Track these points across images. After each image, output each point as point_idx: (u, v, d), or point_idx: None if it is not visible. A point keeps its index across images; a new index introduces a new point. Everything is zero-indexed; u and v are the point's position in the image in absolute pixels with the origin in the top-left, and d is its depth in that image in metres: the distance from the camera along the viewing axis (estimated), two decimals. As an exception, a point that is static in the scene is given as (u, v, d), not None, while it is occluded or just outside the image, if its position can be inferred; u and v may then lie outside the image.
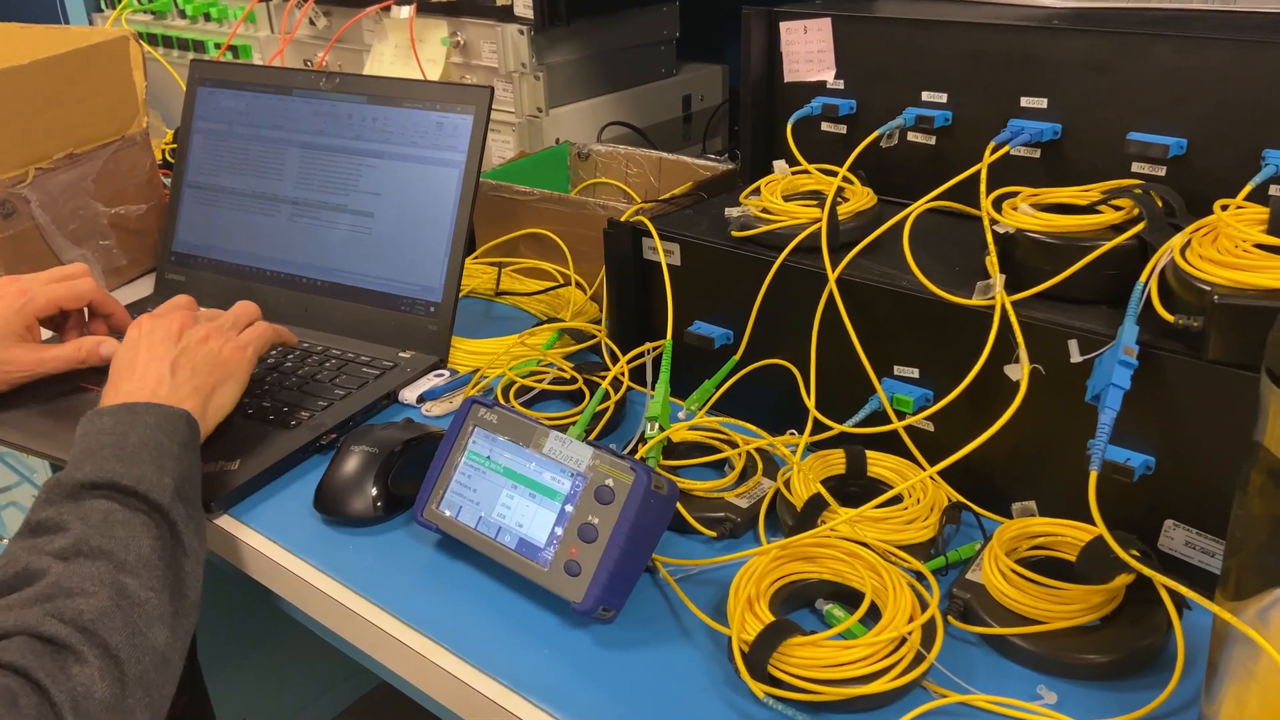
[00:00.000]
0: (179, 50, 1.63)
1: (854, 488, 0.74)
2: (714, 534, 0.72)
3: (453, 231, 0.95)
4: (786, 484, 0.73)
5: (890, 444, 0.75)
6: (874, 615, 0.61)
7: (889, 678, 0.57)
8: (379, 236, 0.99)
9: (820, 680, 0.57)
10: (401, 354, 0.95)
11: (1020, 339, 0.66)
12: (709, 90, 1.44)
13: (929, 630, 0.60)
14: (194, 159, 1.09)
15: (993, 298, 0.68)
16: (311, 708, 1.55)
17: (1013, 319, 0.66)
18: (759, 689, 0.57)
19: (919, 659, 0.58)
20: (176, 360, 0.77)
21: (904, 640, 0.58)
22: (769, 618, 0.60)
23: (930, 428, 0.75)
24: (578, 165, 1.22)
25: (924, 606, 0.61)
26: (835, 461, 0.74)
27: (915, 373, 0.74)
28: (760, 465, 0.77)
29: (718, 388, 0.83)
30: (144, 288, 1.14)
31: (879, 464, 0.74)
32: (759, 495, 0.74)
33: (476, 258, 1.13)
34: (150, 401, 0.72)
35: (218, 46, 1.55)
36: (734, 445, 0.78)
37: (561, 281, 1.07)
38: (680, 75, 1.41)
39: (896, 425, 0.73)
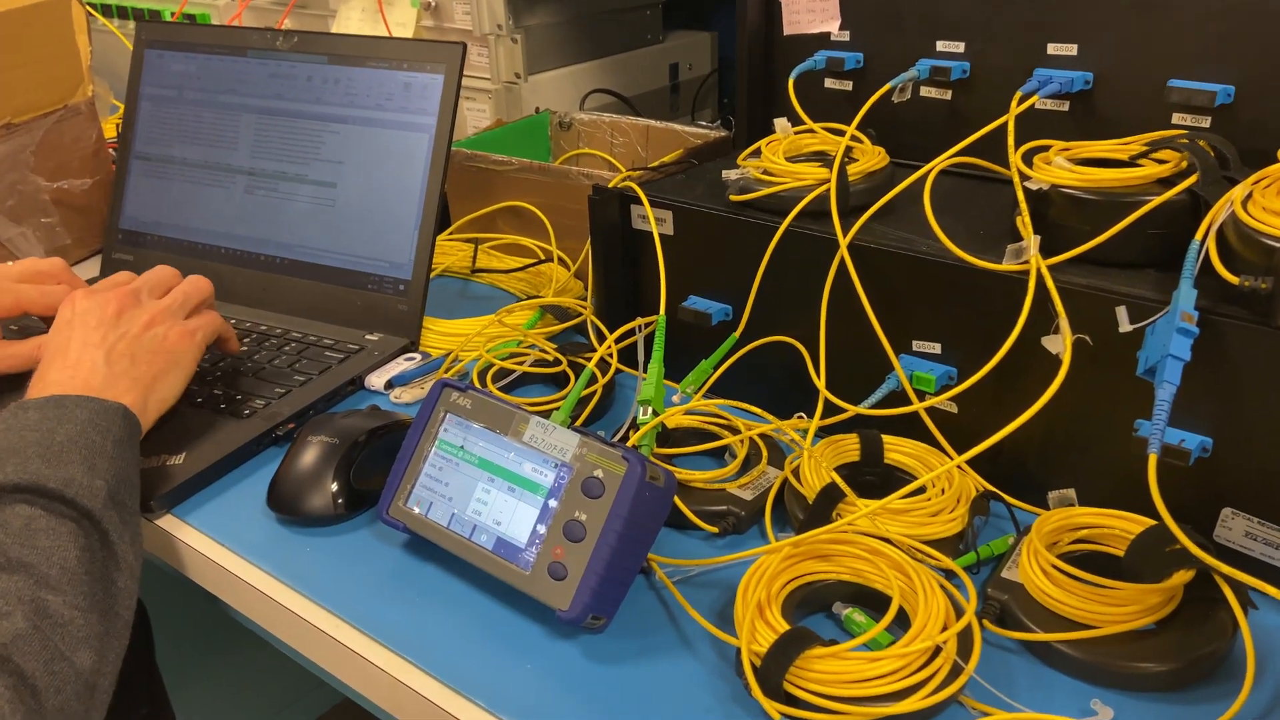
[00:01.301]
0: (135, 21, 1.53)
1: (870, 476, 0.66)
2: (716, 530, 0.64)
3: (423, 202, 0.87)
4: (795, 473, 0.65)
5: (908, 428, 0.67)
6: (900, 621, 0.54)
7: (923, 694, 0.49)
8: (343, 208, 0.91)
9: (844, 698, 0.49)
10: (368, 336, 0.87)
11: (1060, 308, 0.58)
12: (697, 59, 1.37)
13: (965, 638, 0.52)
14: (142, 128, 1.00)
15: (1026, 262, 0.61)
16: (283, 715, 1.46)
17: (1050, 285, 0.59)
18: (774, 709, 0.50)
19: (956, 671, 0.51)
20: (114, 347, 0.69)
21: (938, 650, 0.51)
22: (783, 625, 0.52)
23: (953, 409, 0.67)
24: (559, 135, 1.14)
25: (958, 610, 0.53)
26: (849, 448, 0.67)
27: (937, 348, 0.67)
28: (765, 453, 0.69)
29: (716, 368, 0.75)
30: (92, 269, 1.05)
31: (897, 450, 0.67)
32: (764, 486, 0.67)
33: (451, 234, 1.05)
34: (82, 394, 0.64)
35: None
36: (735, 431, 0.71)
37: (543, 258, 0.99)
38: (667, 42, 1.33)
39: (917, 406, 0.65)
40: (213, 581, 0.66)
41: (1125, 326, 0.57)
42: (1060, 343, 0.58)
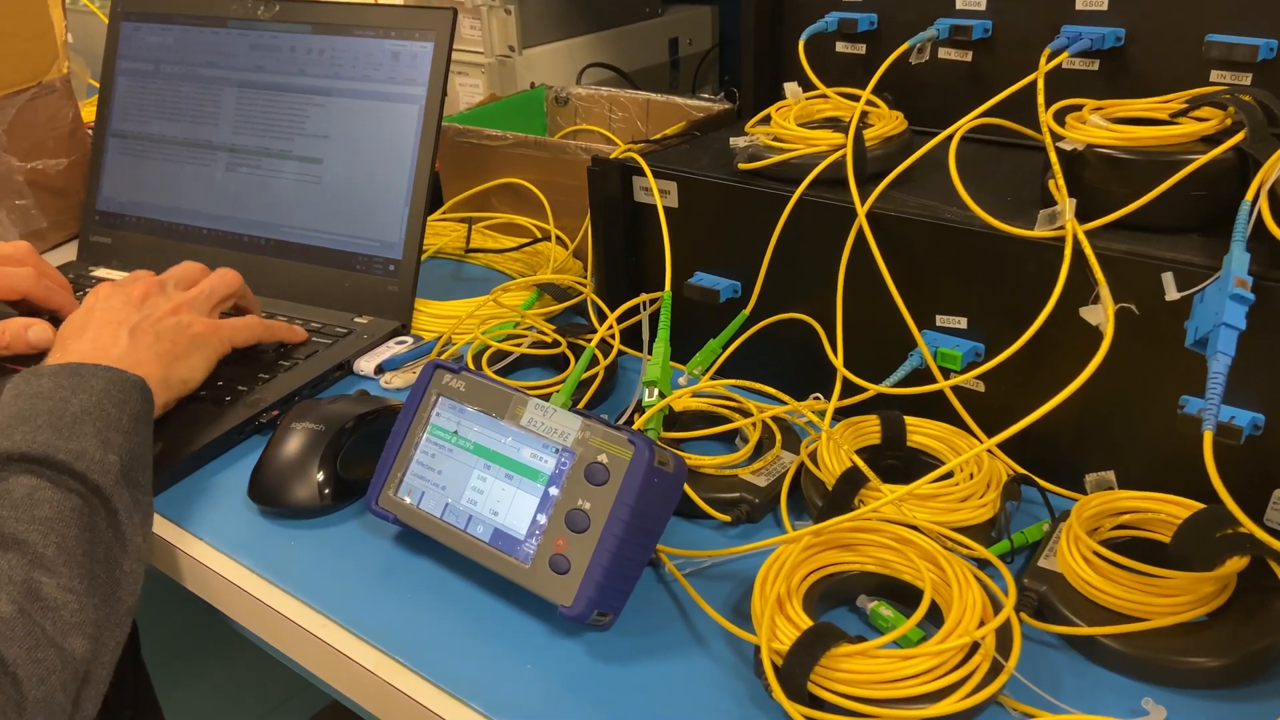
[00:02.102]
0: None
1: (892, 460, 0.62)
2: (728, 519, 0.60)
3: (413, 177, 0.83)
4: (813, 457, 0.61)
5: (930, 408, 0.63)
6: (932, 615, 0.50)
7: (961, 694, 0.45)
8: (329, 185, 0.86)
9: (874, 700, 0.45)
10: (357, 319, 0.83)
11: (1099, 276, 0.54)
12: (698, 33, 1.32)
13: (1004, 633, 0.48)
14: (118, 104, 0.96)
15: (1061, 228, 0.56)
16: (276, 714, 1.42)
17: (1088, 251, 0.55)
18: (797, 712, 0.45)
19: (995, 669, 0.46)
20: (137, 325, 0.67)
21: (976, 647, 0.47)
22: (805, 621, 0.48)
23: (980, 388, 0.63)
24: (555, 111, 1.09)
25: (994, 604, 0.49)
26: (869, 430, 0.63)
27: (962, 322, 0.62)
28: (779, 437, 0.65)
29: (724, 348, 0.71)
30: (69, 254, 1.01)
31: (920, 432, 0.63)
32: (779, 472, 0.62)
33: (443, 214, 1.01)
34: (100, 364, 0.61)
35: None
36: (747, 414, 0.67)
37: (539, 237, 0.94)
38: (666, 16, 1.28)
39: (942, 385, 0.61)
40: (190, 577, 0.62)
41: (1172, 294, 0.52)
42: (1101, 313, 0.53)
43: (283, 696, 1.41)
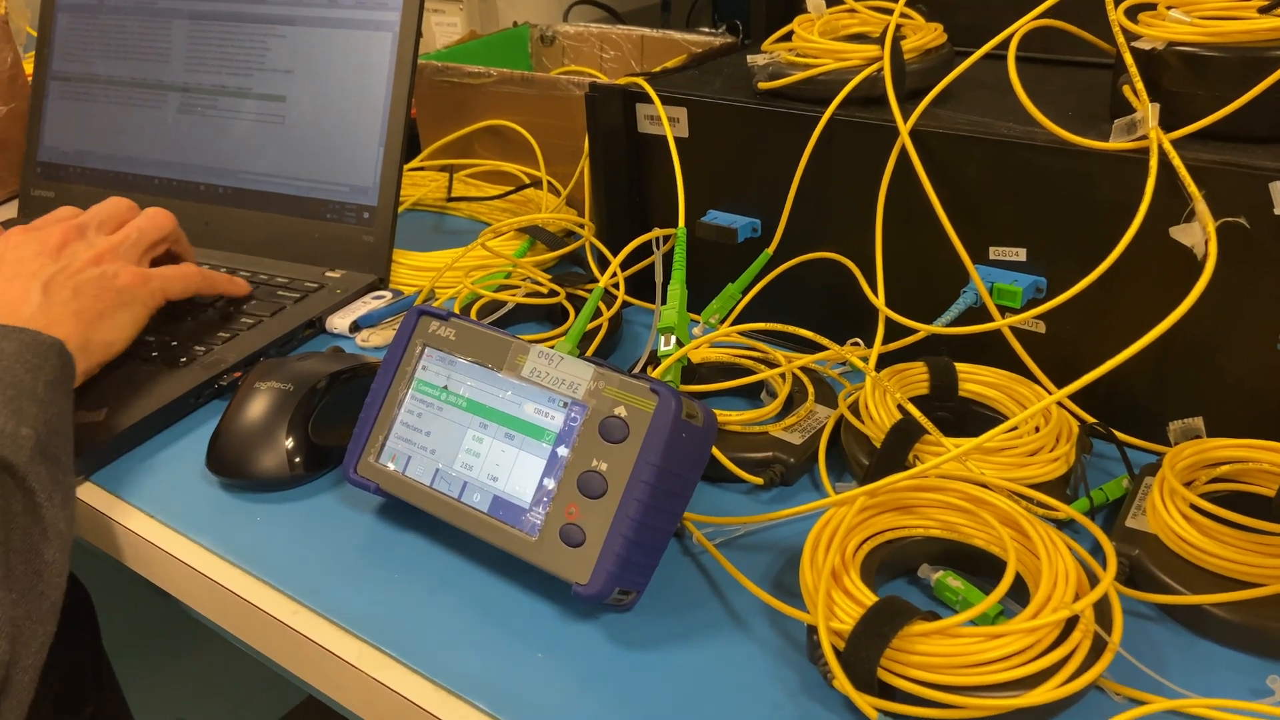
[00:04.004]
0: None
1: (943, 412, 0.55)
2: (760, 481, 0.52)
3: (388, 114, 0.74)
4: (854, 409, 0.54)
5: (978, 353, 0.56)
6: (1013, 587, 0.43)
7: (1060, 678, 0.38)
8: (294, 126, 0.78)
9: (958, 687, 0.38)
10: (329, 273, 0.75)
11: (1194, 189, 0.47)
12: (689, -27, 1.24)
13: (1099, 607, 0.41)
14: (59, 43, 0.87)
15: (1143, 137, 0.49)
16: (246, 708, 1.34)
17: (1177, 162, 0.47)
18: (868, 704, 0.38)
19: (1096, 647, 0.39)
20: (53, 279, 0.59)
21: (1074, 622, 0.39)
22: (869, 596, 0.41)
23: (1039, 328, 0.56)
24: (540, 51, 1.01)
25: (1089, 572, 0.42)
26: (915, 379, 0.55)
27: (1020, 254, 0.55)
28: (810, 389, 0.57)
29: (745, 292, 0.63)
30: (9, 212, 0.92)
31: (972, 379, 0.55)
32: (814, 428, 0.55)
33: (422, 161, 0.92)
34: (9, 324, 0.53)
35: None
36: (773, 364, 0.59)
37: (528, 182, 0.86)
38: (656, -47, 1.20)
39: (1000, 324, 0.53)
40: (141, 561, 0.54)
41: (1281, 208, 0.45)
42: (1198, 231, 0.46)
43: (259, 686, 1.33)
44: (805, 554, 0.43)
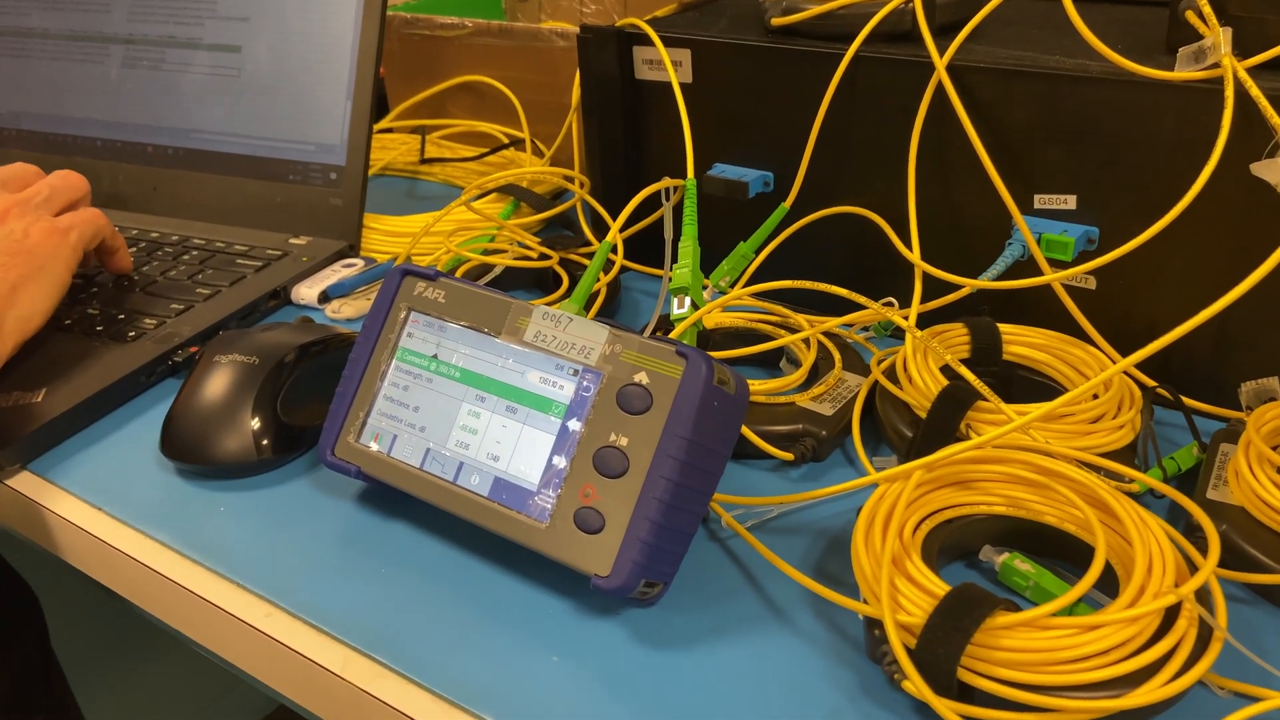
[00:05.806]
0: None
1: (987, 378, 0.49)
2: (790, 456, 0.47)
3: (355, 63, 0.68)
4: (890, 375, 0.48)
5: (1018, 313, 0.51)
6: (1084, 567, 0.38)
7: (1167, 674, 0.33)
8: (251, 80, 0.71)
9: (1051, 688, 0.33)
10: (294, 240, 0.68)
11: (1277, 121, 0.42)
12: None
13: (1201, 592, 0.36)
14: (-14, -7, 0.79)
15: (1214, 65, 0.44)
16: (211, 710, 1.27)
17: (1255, 91, 0.42)
18: (948, 709, 0.33)
19: (1204, 638, 0.34)
20: None
21: (1176, 609, 0.34)
22: (940, 585, 0.35)
23: (1090, 284, 0.51)
24: (515, 7, 0.94)
25: (1186, 557, 0.37)
26: (955, 341, 0.50)
27: (1070, 202, 0.50)
28: (837, 355, 0.52)
29: (758, 251, 0.57)
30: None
31: (1017, 340, 0.50)
32: (845, 397, 0.49)
33: (392, 121, 0.86)
34: None
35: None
36: (795, 329, 0.53)
37: (507, 143, 0.80)
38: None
39: (1051, 278, 0.48)
40: (87, 558, 0.47)
41: (1379, 139, 0.40)
42: (1285, 167, 0.41)
43: (227, 696, 1.26)
44: (858, 536, 0.38)
